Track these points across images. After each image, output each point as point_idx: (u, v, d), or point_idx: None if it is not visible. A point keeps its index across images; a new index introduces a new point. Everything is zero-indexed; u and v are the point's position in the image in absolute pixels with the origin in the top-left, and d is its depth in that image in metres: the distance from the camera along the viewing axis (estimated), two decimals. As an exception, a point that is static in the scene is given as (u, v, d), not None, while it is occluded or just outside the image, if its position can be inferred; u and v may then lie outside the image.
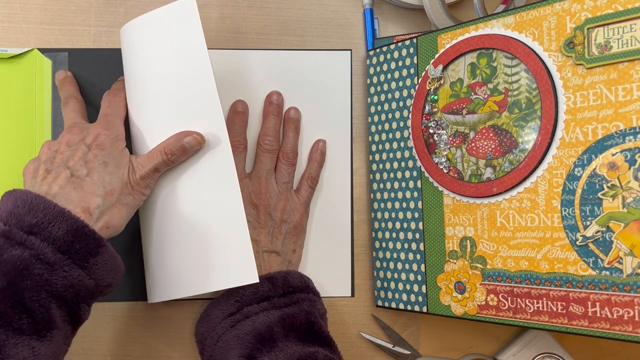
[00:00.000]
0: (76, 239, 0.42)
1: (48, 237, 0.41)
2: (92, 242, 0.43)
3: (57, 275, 0.41)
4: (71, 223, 0.42)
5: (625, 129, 0.40)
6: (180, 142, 0.48)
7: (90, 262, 0.43)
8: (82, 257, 0.42)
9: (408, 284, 0.52)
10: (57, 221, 0.42)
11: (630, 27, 0.40)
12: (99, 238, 0.43)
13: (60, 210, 0.42)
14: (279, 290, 0.48)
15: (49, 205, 0.42)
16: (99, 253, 0.43)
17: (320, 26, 0.58)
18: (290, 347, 0.45)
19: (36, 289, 0.40)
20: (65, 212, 0.42)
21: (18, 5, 0.57)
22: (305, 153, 0.57)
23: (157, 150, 0.49)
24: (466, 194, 0.48)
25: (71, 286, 0.42)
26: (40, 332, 0.40)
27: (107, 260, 0.44)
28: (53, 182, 0.45)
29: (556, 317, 0.43)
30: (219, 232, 0.48)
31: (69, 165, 0.46)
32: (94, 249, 0.43)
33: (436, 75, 0.50)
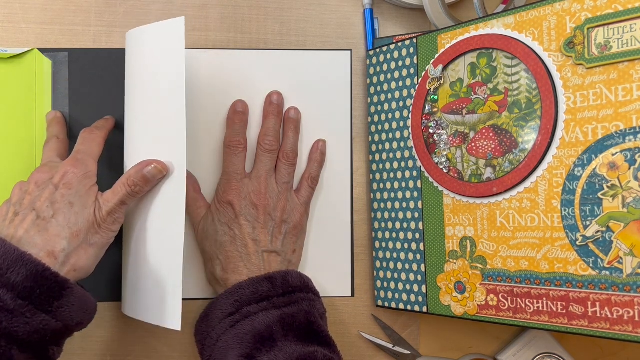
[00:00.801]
0: (36, 284, 0.41)
1: (7, 284, 0.40)
2: (55, 285, 0.41)
3: (18, 322, 0.40)
4: (31, 268, 0.41)
5: (625, 129, 0.40)
6: (141, 173, 0.48)
7: (55, 306, 0.41)
8: (44, 301, 0.41)
9: (408, 284, 0.52)
10: (17, 266, 0.40)
11: (630, 27, 0.40)
12: (63, 280, 0.42)
13: (20, 255, 0.41)
14: (279, 290, 0.48)
15: (9, 249, 0.41)
16: (63, 296, 0.42)
17: (320, 26, 0.58)
18: (290, 346, 0.45)
19: None
20: (26, 257, 0.41)
21: (18, 5, 0.57)
22: (305, 153, 0.57)
23: (121, 183, 0.48)
24: (466, 194, 0.48)
25: (36, 332, 0.41)
26: None
27: (74, 302, 0.43)
28: (19, 226, 0.44)
29: (556, 317, 0.43)
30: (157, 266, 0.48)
31: (36, 207, 0.45)
32: (58, 292, 0.42)
33: (436, 75, 0.50)
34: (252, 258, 0.51)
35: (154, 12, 0.58)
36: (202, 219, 0.53)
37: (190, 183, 0.55)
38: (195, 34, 0.58)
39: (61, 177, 0.46)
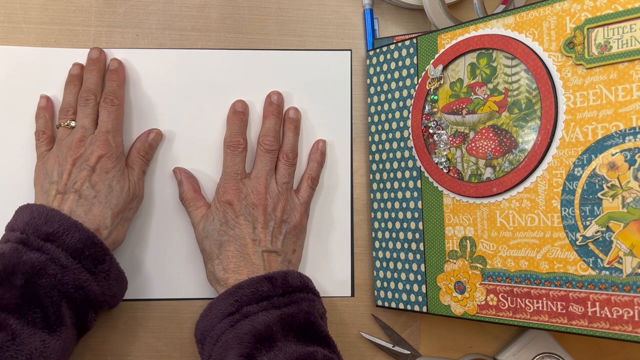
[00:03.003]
0: (86, 246, 0.47)
1: (62, 244, 0.47)
2: (100, 251, 0.48)
3: (69, 276, 0.46)
4: (83, 233, 0.47)
5: (625, 129, 0.40)
6: (147, 142, 0.55)
7: (98, 269, 0.48)
8: (90, 263, 0.48)
9: (408, 284, 0.52)
10: (71, 231, 0.47)
11: (630, 27, 0.40)
12: (106, 248, 0.49)
13: (73, 222, 0.47)
14: (279, 290, 0.48)
15: (63, 217, 0.48)
16: (105, 261, 0.48)
17: (320, 26, 0.58)
18: (290, 346, 0.45)
19: (50, 287, 0.45)
20: (78, 224, 0.48)
21: (18, 5, 0.57)
22: (305, 153, 0.57)
23: (134, 156, 0.55)
24: (466, 194, 0.48)
25: (81, 288, 0.47)
26: (51, 327, 0.44)
27: (112, 270, 0.49)
28: (63, 203, 0.50)
29: (556, 317, 0.43)
30: None
31: (76, 188, 0.50)
32: (101, 256, 0.48)
33: (436, 76, 0.50)
34: (252, 258, 0.51)
35: (154, 12, 0.58)
36: (202, 219, 0.53)
37: (190, 183, 0.55)
38: (195, 34, 0.58)
39: (96, 160, 0.51)
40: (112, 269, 0.49)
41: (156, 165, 0.56)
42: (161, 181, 0.56)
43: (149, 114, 0.57)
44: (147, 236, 0.56)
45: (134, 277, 0.56)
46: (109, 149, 0.51)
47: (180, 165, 0.56)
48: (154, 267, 0.56)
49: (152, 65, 0.57)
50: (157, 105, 0.57)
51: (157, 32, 0.58)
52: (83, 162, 0.51)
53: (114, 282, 0.50)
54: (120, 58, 0.57)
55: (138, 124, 0.57)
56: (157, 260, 0.56)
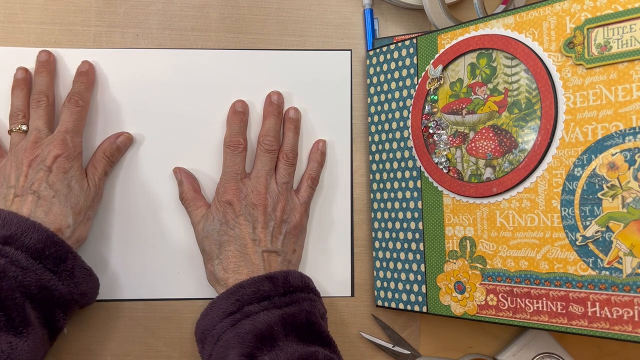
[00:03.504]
0: (46, 246, 0.47)
1: (21, 246, 0.46)
2: (61, 249, 0.48)
3: (30, 277, 0.46)
4: (41, 233, 0.47)
5: (625, 129, 0.40)
6: (115, 144, 0.55)
7: (60, 268, 0.47)
8: (52, 262, 0.47)
9: (408, 284, 0.52)
10: (29, 232, 0.47)
11: (630, 27, 0.40)
12: (67, 246, 0.48)
13: (31, 223, 0.47)
14: (280, 290, 0.48)
15: (21, 219, 0.47)
16: (67, 259, 0.48)
17: (320, 26, 0.58)
18: (291, 346, 0.45)
19: (11, 290, 0.44)
20: (36, 224, 0.47)
21: (18, 5, 0.57)
22: (305, 153, 0.57)
23: (99, 156, 0.54)
24: (466, 194, 0.48)
25: (44, 288, 0.46)
26: (17, 329, 0.44)
27: (77, 268, 0.48)
28: (22, 205, 0.49)
29: (556, 317, 0.43)
30: None
31: (34, 189, 0.49)
32: (63, 255, 0.48)
33: (436, 76, 0.50)
34: (252, 258, 0.51)
35: (154, 12, 0.58)
36: (202, 219, 0.53)
37: (190, 183, 0.55)
38: (195, 34, 0.58)
39: (53, 160, 0.50)
40: (77, 266, 0.48)
41: (156, 165, 0.56)
42: (161, 181, 0.56)
43: (148, 114, 0.57)
44: (147, 236, 0.56)
45: (134, 277, 0.56)
46: (66, 149, 0.51)
47: (180, 165, 0.56)
48: (154, 267, 0.56)
49: (152, 65, 0.57)
50: (157, 105, 0.57)
51: (157, 32, 0.58)
52: (39, 162, 0.50)
53: (81, 280, 0.49)
54: (120, 58, 0.57)
55: (138, 124, 0.57)
56: (157, 260, 0.56)
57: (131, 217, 0.56)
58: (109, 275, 0.55)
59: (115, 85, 0.57)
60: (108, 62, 0.57)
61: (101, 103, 0.56)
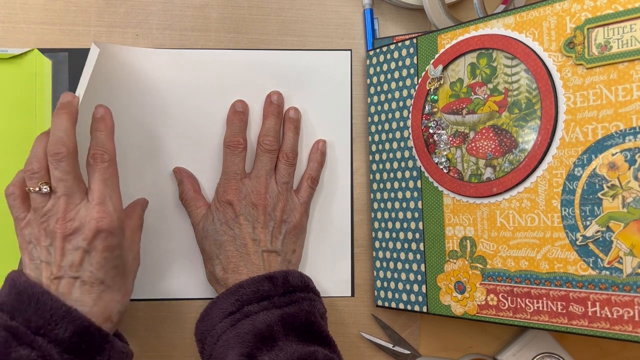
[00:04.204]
0: (82, 339, 0.42)
1: (55, 339, 0.41)
2: (98, 340, 0.43)
3: None
4: (78, 324, 0.42)
5: (625, 129, 0.40)
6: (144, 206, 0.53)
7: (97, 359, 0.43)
8: (88, 356, 0.42)
9: (408, 284, 0.52)
10: (64, 322, 0.41)
11: (630, 27, 0.40)
12: (105, 334, 0.43)
13: (66, 310, 0.41)
14: (279, 290, 0.48)
15: (56, 303, 0.42)
16: (104, 349, 0.43)
17: (320, 26, 0.58)
18: (291, 346, 0.45)
19: None
20: (72, 312, 0.42)
21: (18, 5, 0.57)
22: (305, 153, 0.57)
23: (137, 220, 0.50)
24: (466, 194, 0.48)
25: None
26: None
27: (113, 355, 0.44)
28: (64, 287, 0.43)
29: (556, 317, 0.43)
30: None
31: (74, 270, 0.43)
32: (101, 346, 0.43)
33: (436, 76, 0.50)
34: (252, 258, 0.51)
35: (154, 12, 0.58)
36: (202, 219, 0.53)
37: (190, 183, 0.55)
38: (195, 34, 0.58)
39: (93, 236, 0.43)
40: (114, 353, 0.44)
41: (156, 165, 0.56)
42: (161, 181, 0.56)
43: (148, 114, 0.57)
44: (147, 236, 0.56)
45: (134, 277, 0.56)
46: (108, 220, 0.44)
47: (180, 165, 0.56)
48: (154, 267, 0.56)
49: (152, 65, 0.57)
50: (157, 106, 0.57)
51: (157, 32, 0.58)
52: (77, 238, 0.43)
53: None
54: (120, 58, 0.57)
55: (137, 124, 0.57)
56: (157, 260, 0.56)
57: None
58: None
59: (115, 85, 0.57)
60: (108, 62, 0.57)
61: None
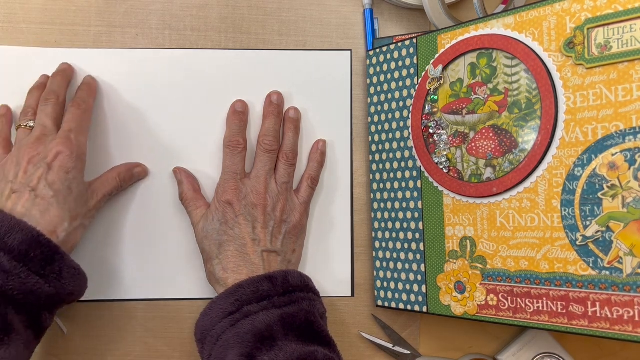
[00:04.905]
0: (31, 248, 0.44)
1: (4, 247, 0.43)
2: (48, 251, 0.45)
3: (13, 282, 0.43)
4: (26, 233, 0.44)
5: (625, 129, 0.40)
6: (131, 172, 0.55)
7: (47, 270, 0.44)
8: (38, 265, 0.44)
9: (408, 284, 0.52)
10: (14, 232, 0.43)
11: (630, 27, 0.40)
12: (54, 246, 0.45)
13: (16, 222, 0.44)
14: (279, 290, 0.48)
15: (6, 217, 0.44)
16: (55, 261, 0.45)
17: (320, 26, 0.58)
18: (290, 346, 0.45)
19: None
20: (22, 224, 0.44)
21: (18, 5, 0.57)
22: (305, 153, 0.57)
23: (111, 176, 0.53)
24: (466, 194, 0.48)
25: (30, 292, 0.44)
26: None
27: (65, 269, 0.46)
28: (18, 202, 0.47)
29: (556, 317, 0.43)
30: None
31: (32, 186, 0.47)
32: (50, 256, 0.45)
33: (436, 76, 0.50)
34: (252, 258, 0.51)
35: (154, 12, 0.58)
36: (201, 219, 0.53)
37: (190, 182, 0.55)
38: (195, 34, 0.58)
39: (54, 157, 0.48)
40: (65, 267, 0.46)
41: (156, 165, 0.56)
42: (161, 181, 0.56)
43: (148, 114, 0.57)
44: (147, 236, 0.56)
45: (134, 277, 0.56)
46: (70, 147, 0.49)
47: (180, 165, 0.56)
48: (154, 267, 0.56)
49: (152, 65, 0.57)
50: (157, 106, 0.57)
51: (157, 32, 0.58)
52: (40, 159, 0.48)
53: (69, 281, 0.46)
54: (120, 58, 0.57)
55: (137, 124, 0.57)
56: (157, 260, 0.56)
57: (131, 217, 0.56)
58: (109, 275, 0.55)
59: (115, 85, 0.57)
60: (108, 62, 0.57)
61: (101, 103, 0.56)
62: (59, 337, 0.55)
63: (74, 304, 0.55)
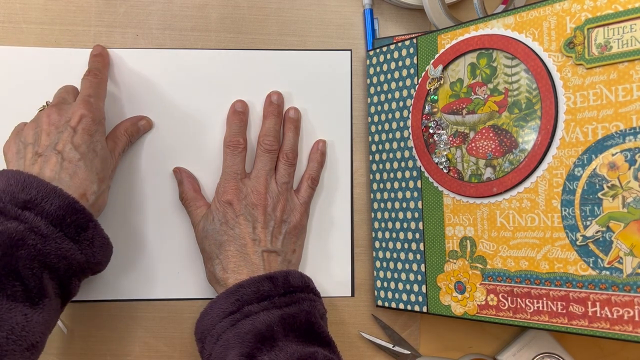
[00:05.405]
0: (67, 213, 0.44)
1: (41, 212, 0.44)
2: (82, 218, 0.45)
3: (50, 246, 0.43)
4: (63, 199, 0.44)
5: (625, 129, 0.40)
6: (136, 125, 0.55)
7: (82, 237, 0.45)
8: (73, 230, 0.45)
9: (408, 284, 0.52)
10: (50, 197, 0.44)
11: (630, 27, 0.40)
12: (89, 214, 0.46)
13: (52, 188, 0.44)
14: (280, 290, 0.48)
15: (41, 183, 0.44)
16: (89, 228, 0.46)
17: (320, 26, 0.58)
18: (290, 346, 0.45)
19: (30, 259, 0.42)
20: (57, 190, 0.44)
21: (18, 6, 0.57)
22: (305, 153, 0.57)
23: (120, 133, 0.54)
24: (466, 194, 0.48)
25: (64, 258, 0.44)
26: (32, 300, 0.42)
27: (96, 237, 0.47)
28: (45, 166, 0.46)
29: (556, 317, 0.43)
30: None
31: (58, 149, 0.47)
32: (84, 223, 0.45)
33: (436, 76, 0.50)
34: (252, 258, 0.51)
35: (154, 12, 0.58)
36: (202, 219, 0.53)
37: (190, 182, 0.55)
38: (195, 34, 0.58)
39: (78, 120, 0.48)
40: (97, 235, 0.47)
41: (156, 165, 0.56)
42: (161, 181, 0.56)
43: (148, 114, 0.57)
44: (147, 236, 0.56)
45: (134, 277, 0.56)
46: (92, 109, 0.49)
47: (180, 165, 0.56)
48: (154, 267, 0.56)
49: (152, 65, 0.57)
50: (157, 105, 0.57)
51: (157, 32, 0.58)
52: (64, 122, 0.48)
53: (99, 250, 0.47)
54: (120, 58, 0.57)
55: (138, 124, 0.57)
56: (157, 260, 0.56)
57: (131, 217, 0.56)
58: (109, 275, 0.55)
59: (115, 85, 0.57)
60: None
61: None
62: (59, 337, 0.55)
63: (73, 303, 0.55)
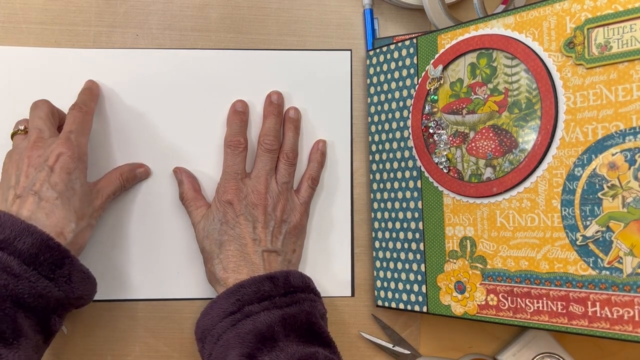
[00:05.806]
0: (41, 251, 0.44)
1: (14, 251, 0.43)
2: (57, 254, 0.44)
3: (23, 285, 0.43)
4: (36, 237, 0.44)
5: (625, 129, 0.40)
6: (134, 172, 0.55)
7: (57, 274, 0.44)
8: (47, 268, 0.44)
9: (408, 284, 0.52)
10: (23, 236, 0.43)
11: (630, 27, 0.40)
12: (65, 250, 0.45)
13: (26, 226, 0.44)
14: (280, 290, 0.48)
15: (15, 222, 0.44)
16: (64, 264, 0.45)
17: (320, 26, 0.58)
18: (291, 347, 0.45)
19: (1, 299, 0.42)
20: (31, 227, 0.44)
21: (18, 6, 0.57)
22: (305, 153, 0.57)
23: (114, 176, 0.53)
24: (466, 194, 0.48)
25: (40, 296, 0.44)
26: (6, 340, 0.41)
27: (74, 273, 0.46)
28: (22, 206, 0.46)
29: (556, 317, 0.43)
30: None
31: (35, 189, 0.47)
32: (60, 260, 0.45)
33: (436, 76, 0.50)
34: (252, 257, 0.51)
35: (154, 12, 0.58)
36: (202, 219, 0.53)
37: (190, 182, 0.55)
38: (195, 34, 0.58)
39: (55, 159, 0.48)
40: (74, 271, 0.46)
41: (156, 165, 0.56)
42: (161, 181, 0.56)
43: (148, 114, 0.57)
44: (147, 236, 0.56)
45: (134, 277, 0.56)
46: (70, 148, 0.48)
47: (180, 165, 0.56)
48: (154, 267, 0.56)
49: (152, 65, 0.57)
50: (157, 105, 0.57)
51: (157, 32, 0.58)
52: (42, 162, 0.48)
53: (78, 285, 0.46)
54: (120, 58, 0.57)
55: (138, 124, 0.57)
56: (157, 260, 0.56)
57: (131, 217, 0.56)
58: (109, 275, 0.55)
59: (115, 85, 0.57)
60: (108, 62, 0.57)
61: (101, 104, 0.56)
62: (59, 337, 0.55)
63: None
